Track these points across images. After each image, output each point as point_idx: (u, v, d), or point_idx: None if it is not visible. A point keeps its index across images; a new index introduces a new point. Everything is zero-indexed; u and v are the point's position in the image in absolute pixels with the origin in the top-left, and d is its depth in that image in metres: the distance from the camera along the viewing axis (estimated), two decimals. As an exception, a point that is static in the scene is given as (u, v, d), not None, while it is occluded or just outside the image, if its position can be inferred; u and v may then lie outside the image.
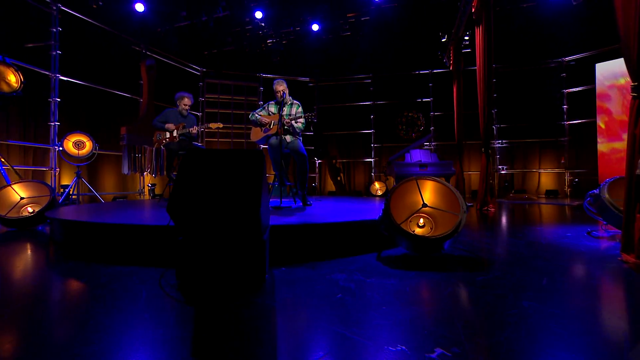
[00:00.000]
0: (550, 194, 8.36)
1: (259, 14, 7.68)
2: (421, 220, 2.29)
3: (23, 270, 1.86)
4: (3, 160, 5.01)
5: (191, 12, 7.36)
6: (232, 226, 1.44)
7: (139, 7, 6.72)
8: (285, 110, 3.70)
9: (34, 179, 5.85)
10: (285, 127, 3.54)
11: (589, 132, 8.22)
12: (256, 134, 3.75)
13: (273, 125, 3.67)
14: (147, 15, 7.03)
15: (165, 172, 7.71)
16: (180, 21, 7.55)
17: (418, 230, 2.30)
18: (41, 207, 3.19)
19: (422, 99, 9.91)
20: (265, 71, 9.61)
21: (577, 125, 8.58)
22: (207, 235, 1.45)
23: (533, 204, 6.74)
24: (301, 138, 3.83)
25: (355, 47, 9.27)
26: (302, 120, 3.65)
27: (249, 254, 1.48)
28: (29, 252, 2.34)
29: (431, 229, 2.29)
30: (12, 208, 3.14)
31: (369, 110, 10.10)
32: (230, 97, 9.27)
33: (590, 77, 7.98)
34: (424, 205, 2.18)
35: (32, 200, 3.27)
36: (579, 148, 8.56)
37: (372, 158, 10.03)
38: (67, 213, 2.74)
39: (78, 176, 5.71)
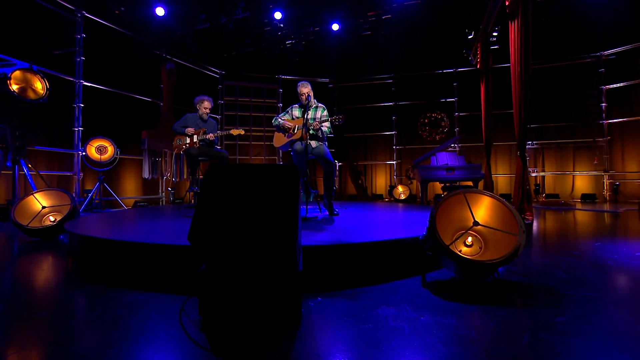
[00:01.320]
0: (586, 198, 7.79)
1: (278, 15, 7.53)
2: (469, 239, 2.02)
3: (34, 294, 1.73)
4: (30, 165, 5.06)
5: (210, 15, 7.29)
6: (264, 256, 1.24)
7: (159, 11, 6.70)
8: (310, 113, 3.49)
9: (59, 184, 5.91)
10: (311, 131, 3.33)
11: (633, 131, 7.61)
12: (279, 139, 3.56)
13: (297, 129, 3.47)
14: (167, 19, 7.01)
15: (186, 176, 7.69)
16: (200, 24, 7.50)
17: (465, 250, 2.03)
18: (62, 217, 3.11)
19: (446, 99, 9.51)
20: (284, 73, 9.47)
21: (619, 124, 7.96)
22: (233, 267, 1.25)
23: (570, 210, 6.26)
24: (327, 143, 3.62)
25: (376, 47, 8.97)
26: (327, 124, 3.44)
27: (283, 289, 1.27)
28: (44, 270, 2.22)
29: (480, 248, 2.02)
30: (34, 217, 3.07)
31: (390, 111, 9.78)
32: (249, 100, 9.17)
33: (633, 71, 7.38)
34: (476, 223, 1.91)
35: (54, 209, 3.20)
36: (621, 148, 7.94)
37: (394, 160, 9.71)
38: (85, 225, 2.63)
39: (100, 181, 5.72)
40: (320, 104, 3.60)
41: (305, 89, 3.46)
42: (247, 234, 1.24)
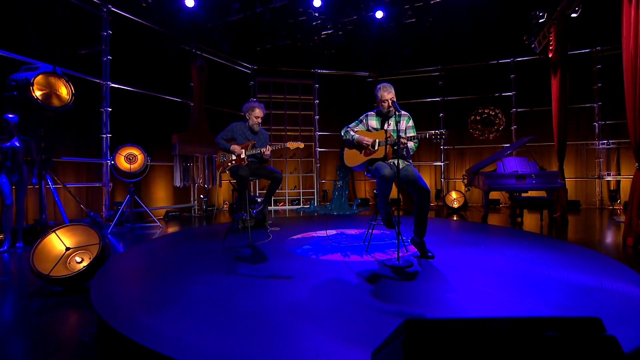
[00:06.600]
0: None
1: (317, 2, 6.69)
2: None
3: None
4: (55, 179, 4.56)
5: (245, 4, 6.54)
6: None
7: (189, 2, 6.00)
8: (392, 125, 2.70)
9: (88, 196, 5.39)
10: (396, 147, 2.55)
11: None
12: (353, 157, 2.79)
13: (378, 146, 2.69)
14: (197, 10, 6.31)
15: (218, 182, 7.09)
16: (232, 14, 6.77)
17: None
18: (90, 260, 2.51)
19: (501, 93, 8.42)
20: (320, 66, 8.64)
21: None
22: None
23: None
24: (411, 161, 2.82)
25: (422, 36, 7.96)
26: (415, 140, 2.64)
27: None
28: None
29: None
30: (57, 263, 2.47)
31: (437, 107, 8.79)
32: (283, 97, 8.43)
33: None
34: None
35: (80, 249, 2.60)
36: None
37: (440, 162, 8.76)
38: (113, 287, 1.98)
39: (130, 194, 5.17)
40: (404, 112, 2.79)
41: (389, 94, 2.65)
42: None
